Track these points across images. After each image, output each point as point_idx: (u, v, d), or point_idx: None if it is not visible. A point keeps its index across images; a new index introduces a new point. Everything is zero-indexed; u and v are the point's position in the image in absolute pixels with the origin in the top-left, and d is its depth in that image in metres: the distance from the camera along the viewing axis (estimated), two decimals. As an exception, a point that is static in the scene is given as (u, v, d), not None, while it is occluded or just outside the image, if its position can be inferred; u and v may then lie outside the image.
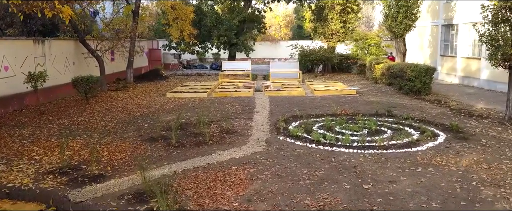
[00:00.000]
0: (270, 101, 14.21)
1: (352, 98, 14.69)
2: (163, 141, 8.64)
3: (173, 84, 20.32)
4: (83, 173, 6.69)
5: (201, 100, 14.62)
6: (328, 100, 14.20)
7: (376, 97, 14.84)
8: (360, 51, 24.28)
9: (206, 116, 11.26)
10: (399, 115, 11.20)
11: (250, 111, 12.34)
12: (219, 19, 25.53)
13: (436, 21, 22.57)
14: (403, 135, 8.81)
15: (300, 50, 25.24)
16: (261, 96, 15.47)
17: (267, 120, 10.89)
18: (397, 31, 18.97)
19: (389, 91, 16.68)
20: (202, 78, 23.52)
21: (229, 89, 17.21)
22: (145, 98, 15.23)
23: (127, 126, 10.32)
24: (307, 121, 10.47)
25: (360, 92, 16.11)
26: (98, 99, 14.82)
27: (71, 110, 12.70)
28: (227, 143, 8.48)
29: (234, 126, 10.06)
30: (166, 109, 12.79)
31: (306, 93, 16.10)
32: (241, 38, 26.07)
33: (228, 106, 13.19)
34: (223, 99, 14.67)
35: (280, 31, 45.79)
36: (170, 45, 26.44)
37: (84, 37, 16.88)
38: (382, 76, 18.52)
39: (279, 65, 22.23)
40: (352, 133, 9.12)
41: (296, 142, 8.42)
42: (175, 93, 15.96)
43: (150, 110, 12.64)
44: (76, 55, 17.03)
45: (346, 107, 12.58)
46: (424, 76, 15.05)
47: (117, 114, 12.10)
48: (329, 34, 25.40)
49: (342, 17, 25.04)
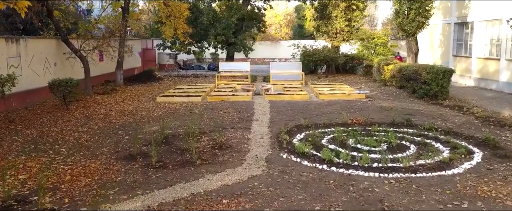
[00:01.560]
0: (271, 106, 12.73)
1: (361, 103, 13.20)
2: (142, 160, 7.16)
3: (166, 87, 18.83)
4: (31, 208, 5.21)
5: (194, 105, 13.14)
6: (336, 106, 12.71)
7: (388, 103, 13.35)
8: (366, 51, 22.77)
9: (198, 126, 9.79)
10: (419, 125, 9.72)
11: (248, 118, 10.86)
12: (216, 17, 24.03)
13: (448, 19, 21.08)
14: (431, 151, 7.33)
15: (303, 50, 23.74)
16: (260, 100, 14.00)
17: (268, 130, 9.41)
18: (409, 30, 17.47)
19: (401, 95, 15.20)
20: (198, 80, 22.03)
21: (225, 92, 15.73)
22: (133, 103, 13.75)
23: (104, 139, 8.84)
24: (314, 132, 8.98)
25: (369, 97, 14.63)
26: (80, 105, 13.34)
27: (45, 118, 11.22)
28: (219, 162, 7.00)
29: (229, 139, 8.58)
30: (153, 116, 11.30)
31: (310, 97, 14.61)
32: (240, 37, 24.57)
33: (224, 113, 11.71)
34: (219, 105, 13.19)
35: (281, 30, 44.34)
36: (165, 45, 24.94)
37: (67, 36, 15.40)
38: (392, 78, 17.04)
39: (280, 66, 20.74)
40: (369, 148, 7.64)
41: (303, 161, 6.93)
42: (166, 98, 14.47)
43: (135, 118, 11.16)
44: (58, 55, 15.54)
45: (357, 114, 11.10)
46: (441, 79, 13.57)
47: (97, 122, 10.62)
48: (333, 33, 23.93)
49: (346, 15, 23.57)
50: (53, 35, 16.51)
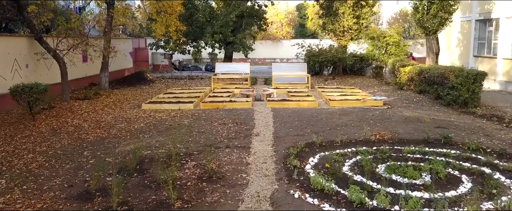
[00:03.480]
0: (274, 116, 10.81)
1: (380, 112, 11.26)
2: (101, 200, 5.23)
3: (156, 91, 16.91)
4: None
5: (184, 114, 11.21)
6: (351, 115, 10.77)
7: (411, 111, 11.42)
8: (376, 51, 20.86)
9: (184, 144, 7.86)
10: (461, 143, 7.79)
11: (248, 132, 8.93)
12: (213, 13, 22.08)
13: (468, 15, 19.15)
14: (495, 187, 5.41)
15: (307, 49, 21.79)
16: (262, 108, 12.08)
17: (271, 150, 7.48)
18: (430, 26, 15.50)
19: (423, 101, 13.27)
20: (193, 82, 20.10)
21: (222, 98, 13.81)
22: (113, 112, 11.82)
23: (62, 163, 6.91)
24: (331, 154, 7.06)
25: (388, 103, 12.70)
26: (52, 113, 11.42)
27: (2, 131, 9.29)
28: (207, 204, 5.07)
29: (222, 164, 6.65)
30: (132, 130, 9.37)
31: (319, 104, 12.67)
32: (239, 36, 22.61)
33: (218, 125, 9.77)
34: (213, 113, 11.26)
35: (282, 29, 42.47)
36: (158, 44, 22.98)
37: (41, 33, 13.47)
38: (410, 81, 15.11)
39: (283, 68, 18.79)
40: (409, 181, 5.71)
41: (323, 204, 5.01)
42: (153, 105, 12.54)
43: (111, 132, 9.23)
44: (31, 55, 13.62)
45: (378, 128, 9.16)
46: (472, 84, 11.65)
47: (62, 138, 8.69)
48: (340, 31, 21.97)
49: (355, 12, 21.61)
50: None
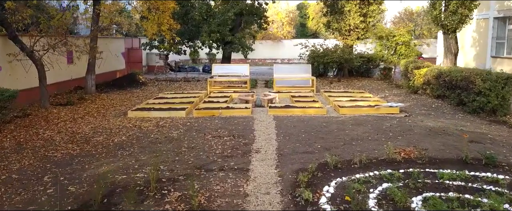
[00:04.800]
0: (277, 126, 9.40)
1: (398, 121, 9.85)
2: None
3: (147, 94, 15.51)
4: None
5: (174, 124, 9.80)
6: (366, 126, 9.35)
7: (433, 120, 10.01)
8: (385, 51, 19.44)
9: (169, 164, 6.46)
10: (505, 164, 6.39)
11: (246, 148, 7.53)
12: (211, 11, 20.64)
13: (485, 13, 17.73)
14: None
15: (312, 50, 20.35)
16: (263, 116, 10.67)
17: (276, 174, 6.07)
18: (449, 24, 14.05)
19: (443, 108, 11.85)
20: (189, 85, 18.70)
21: (218, 104, 12.42)
22: (95, 121, 10.41)
23: (12, 194, 5.50)
24: (349, 180, 5.65)
25: (405, 111, 11.29)
26: (23, 123, 10.01)
27: (-43, 147, 7.89)
28: None
29: (213, 197, 5.23)
30: (110, 145, 7.96)
31: (327, 111, 11.25)
32: (238, 36, 21.18)
33: (212, 138, 8.37)
34: (208, 123, 9.86)
35: (283, 29, 41.09)
36: (151, 44, 21.53)
37: (15, 32, 12.07)
38: (426, 85, 13.70)
39: (286, 69, 17.37)
40: (459, 226, 4.31)
41: None
42: (140, 112, 11.13)
43: (84, 147, 7.82)
44: (4, 57, 12.21)
45: (400, 142, 7.76)
46: (502, 89, 10.25)
47: (25, 156, 7.28)
48: (345, 30, 20.55)
49: (361, 9, 20.20)
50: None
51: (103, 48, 19.10)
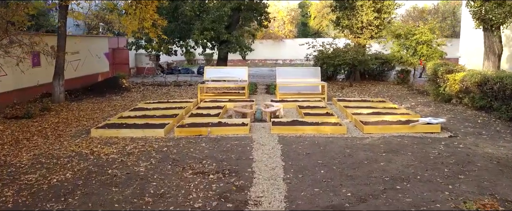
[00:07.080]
0: (284, 154, 6.93)
1: (446, 147, 7.34)
2: None
3: (127, 103, 13.04)
4: None
5: (145, 150, 7.31)
6: (404, 154, 6.85)
7: (491, 144, 7.52)
8: (404, 52, 16.97)
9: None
10: None
11: (240, 197, 5.06)
12: (204, 6, 18.12)
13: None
14: None
15: (320, 50, 17.86)
16: (265, 137, 8.18)
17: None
18: (494, 18, 11.50)
19: (493, 124, 9.33)
20: (179, 90, 16.23)
21: (208, 118, 9.93)
22: (43, 144, 7.91)
23: None
24: None
25: (446, 128, 8.79)
26: None
27: None
28: None
29: None
30: (40, 191, 5.45)
31: (348, 129, 8.74)
32: (235, 34, 18.66)
33: (192, 176, 5.88)
34: (191, 148, 7.38)
35: (284, 27, 38.64)
36: (138, 44, 19.00)
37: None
38: (463, 93, 11.21)
39: (290, 73, 14.87)
40: None
41: None
42: (108, 130, 8.64)
43: (2, 191, 5.33)
44: None
45: (465, 184, 5.29)
46: None
47: None
48: (357, 28, 18.04)
49: (376, 4, 17.71)
50: None
51: (81, 48, 16.69)
